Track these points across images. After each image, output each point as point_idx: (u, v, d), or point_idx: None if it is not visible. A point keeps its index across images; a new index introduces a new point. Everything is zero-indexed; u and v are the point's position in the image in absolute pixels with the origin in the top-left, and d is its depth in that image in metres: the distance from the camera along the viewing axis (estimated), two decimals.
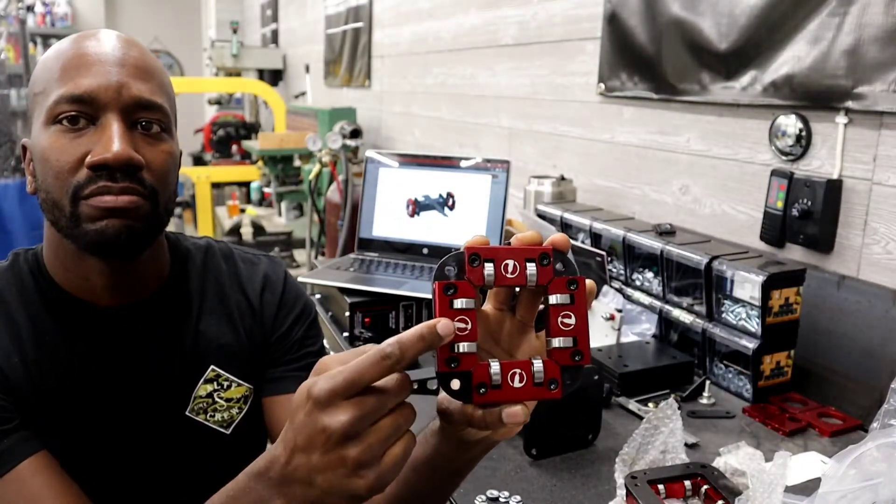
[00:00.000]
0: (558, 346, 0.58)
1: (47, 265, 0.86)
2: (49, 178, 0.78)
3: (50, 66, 0.80)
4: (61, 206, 0.78)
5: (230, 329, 0.94)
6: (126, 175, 0.77)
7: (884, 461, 0.76)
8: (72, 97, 0.76)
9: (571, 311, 0.58)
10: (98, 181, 0.76)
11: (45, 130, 0.78)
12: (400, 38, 3.41)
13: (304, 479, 0.56)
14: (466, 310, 0.56)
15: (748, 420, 1.25)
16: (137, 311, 0.88)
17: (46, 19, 7.17)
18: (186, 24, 7.84)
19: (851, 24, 1.28)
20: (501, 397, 0.57)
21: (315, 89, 4.73)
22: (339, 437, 0.53)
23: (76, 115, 0.77)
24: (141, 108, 0.79)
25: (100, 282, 0.84)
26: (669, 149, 1.77)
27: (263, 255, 1.03)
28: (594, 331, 1.50)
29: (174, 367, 0.90)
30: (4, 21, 3.85)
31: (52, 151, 0.77)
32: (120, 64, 0.79)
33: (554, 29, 2.19)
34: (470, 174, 1.67)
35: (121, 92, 0.78)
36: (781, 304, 1.29)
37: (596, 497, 1.00)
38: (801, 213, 1.38)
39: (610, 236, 1.63)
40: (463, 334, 0.56)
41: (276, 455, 0.58)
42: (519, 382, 0.57)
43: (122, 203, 0.77)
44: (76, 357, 0.84)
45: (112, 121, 0.77)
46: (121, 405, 0.87)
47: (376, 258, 1.70)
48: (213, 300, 0.94)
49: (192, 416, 0.91)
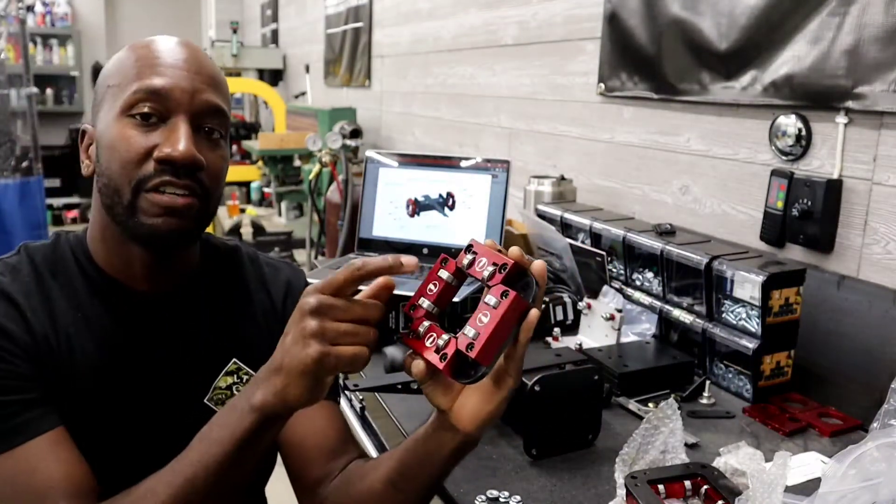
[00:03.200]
0: (464, 332, 0.68)
1: (90, 247, 0.91)
2: (114, 165, 0.83)
3: (127, 62, 0.86)
4: (121, 194, 0.83)
5: (253, 326, 0.99)
6: (187, 173, 0.83)
7: (884, 461, 0.76)
8: (149, 89, 0.83)
9: (490, 313, 0.68)
10: (163, 175, 0.82)
11: (118, 121, 0.84)
12: (400, 38, 3.41)
13: (277, 366, 0.69)
14: (441, 280, 0.73)
15: (748, 420, 1.24)
16: (171, 299, 0.93)
17: (46, 19, 7.16)
18: (186, 24, 7.83)
19: (851, 24, 1.28)
20: (415, 346, 0.72)
21: (315, 89, 4.73)
22: (307, 311, 0.67)
23: (149, 112, 0.83)
24: (208, 114, 0.86)
25: (140, 268, 0.90)
26: (669, 149, 1.77)
27: (285, 263, 1.09)
28: (595, 331, 1.50)
29: (198, 356, 0.94)
30: (4, 21, 3.84)
31: (121, 142, 0.83)
32: (196, 71, 0.86)
33: (554, 29, 2.19)
34: (470, 174, 1.66)
35: (194, 96, 0.84)
36: (781, 304, 1.28)
37: (596, 497, 1.00)
38: (801, 213, 1.38)
39: (610, 236, 1.63)
40: (428, 294, 0.73)
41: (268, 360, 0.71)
42: (429, 343, 0.71)
43: (180, 204, 0.83)
44: (108, 335, 0.88)
45: (181, 121, 0.83)
46: (144, 385, 0.90)
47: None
48: (240, 297, 1.00)
49: (210, 404, 0.95)
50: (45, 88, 6.85)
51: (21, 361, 0.81)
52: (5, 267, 0.88)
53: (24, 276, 0.87)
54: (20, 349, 0.82)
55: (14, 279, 0.86)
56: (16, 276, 0.87)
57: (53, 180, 6.36)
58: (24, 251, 0.90)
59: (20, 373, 0.81)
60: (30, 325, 0.84)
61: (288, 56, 5.70)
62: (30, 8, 6.73)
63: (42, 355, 0.84)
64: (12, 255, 0.90)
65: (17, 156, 3.83)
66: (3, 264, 0.88)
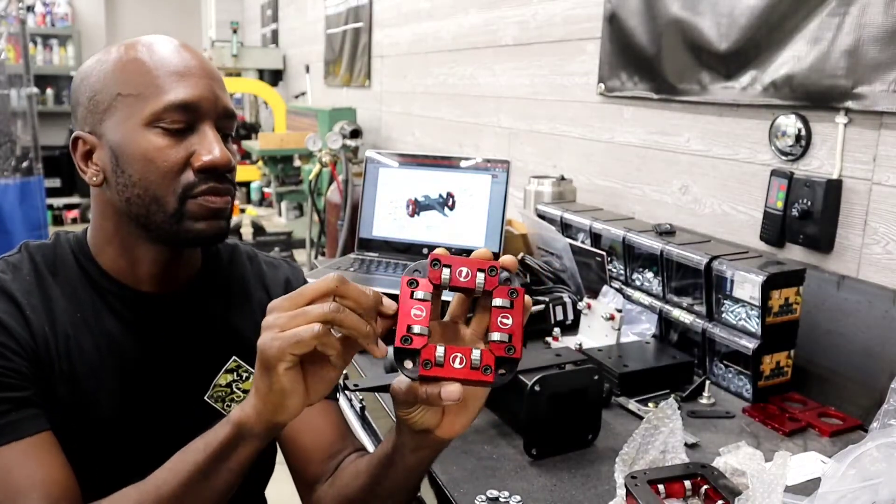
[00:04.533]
0: (496, 339, 0.68)
1: (92, 249, 0.92)
2: (152, 176, 0.85)
3: (136, 69, 0.86)
4: (164, 203, 0.85)
5: (252, 324, 0.98)
6: (224, 176, 0.88)
7: (884, 461, 0.76)
8: (181, 103, 0.85)
9: (510, 314, 0.69)
10: (207, 182, 0.86)
11: (144, 131, 0.85)
12: (400, 38, 3.41)
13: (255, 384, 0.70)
14: (423, 300, 0.69)
15: (748, 420, 1.25)
16: (173, 299, 0.94)
17: (46, 19, 7.16)
18: (186, 24, 7.83)
19: (851, 25, 1.28)
20: (443, 373, 0.68)
21: (315, 89, 4.73)
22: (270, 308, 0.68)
23: (182, 126, 0.85)
24: (226, 118, 0.90)
25: (148, 270, 0.91)
26: (669, 149, 1.77)
27: (284, 261, 1.09)
28: (595, 331, 1.50)
29: (199, 353, 0.95)
30: (4, 21, 3.84)
31: (157, 153, 0.85)
32: (211, 77, 0.89)
33: (554, 29, 2.19)
34: (470, 174, 1.67)
35: (216, 103, 0.88)
36: (781, 304, 1.29)
37: (596, 497, 1.00)
38: (801, 213, 1.38)
39: (610, 236, 1.63)
40: (417, 319, 0.68)
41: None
42: (459, 364, 0.68)
43: (223, 204, 0.88)
44: (108, 334, 0.89)
45: (209, 128, 0.87)
46: (144, 383, 0.91)
47: (376, 258, 1.70)
48: (239, 295, 1.01)
49: (210, 402, 0.96)
50: (46, 88, 6.86)
51: (19, 358, 0.82)
52: (6, 265, 0.88)
53: (24, 275, 0.88)
54: (19, 346, 0.82)
55: (15, 277, 0.87)
56: (17, 275, 0.87)
57: (53, 180, 6.36)
58: (25, 250, 0.91)
59: (17, 370, 0.81)
60: (29, 323, 0.84)
61: (288, 56, 5.70)
62: (30, 8, 6.73)
63: (40, 354, 0.84)
64: (13, 253, 0.91)
65: (18, 156, 3.83)
66: (5, 262, 0.89)
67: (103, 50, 0.90)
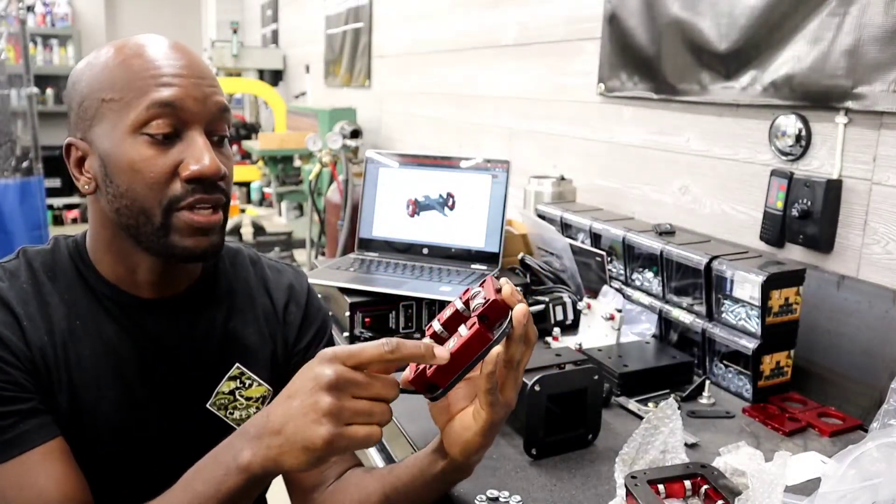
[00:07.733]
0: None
1: (91, 256, 0.90)
2: (138, 187, 0.81)
3: (122, 73, 0.81)
4: (150, 215, 0.82)
5: (255, 331, 0.98)
6: (214, 186, 0.83)
7: (884, 461, 0.76)
8: (161, 102, 0.79)
9: (456, 339, 0.72)
10: (194, 193, 0.81)
11: (130, 139, 0.81)
12: (400, 38, 3.41)
13: (276, 429, 0.66)
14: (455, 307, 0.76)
15: (748, 420, 1.25)
16: (173, 305, 0.92)
17: (46, 19, 7.16)
18: (186, 24, 7.83)
19: (851, 24, 1.28)
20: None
21: (315, 89, 4.73)
22: (323, 384, 0.64)
23: (168, 131, 0.80)
24: (218, 117, 0.84)
25: (147, 277, 0.89)
26: (669, 149, 1.77)
27: (288, 265, 1.07)
28: (595, 331, 1.50)
29: (201, 360, 0.93)
30: (4, 21, 3.84)
31: (143, 163, 0.80)
32: (199, 75, 0.83)
33: (554, 29, 2.19)
34: (470, 174, 1.67)
35: (205, 103, 0.82)
36: (781, 304, 1.29)
37: (596, 497, 1.00)
38: (800, 213, 1.38)
39: (610, 236, 1.63)
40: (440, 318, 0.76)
41: (260, 413, 0.70)
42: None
43: (213, 221, 0.83)
44: (109, 341, 0.87)
45: (197, 134, 0.82)
46: (146, 391, 0.89)
47: (376, 258, 1.70)
48: (242, 301, 0.99)
49: (213, 409, 0.94)
50: (46, 88, 6.85)
51: (17, 371, 0.80)
52: (3, 272, 0.86)
53: (22, 282, 0.85)
54: (16, 358, 0.80)
55: (12, 285, 0.85)
56: (14, 282, 0.85)
57: (53, 180, 6.35)
58: (23, 256, 0.89)
59: (17, 382, 0.79)
60: (26, 334, 0.82)
61: (288, 56, 5.70)
62: (30, 8, 6.73)
63: (38, 364, 0.82)
64: (11, 259, 0.89)
65: (18, 156, 3.83)
66: (2, 269, 0.86)
67: (94, 51, 0.87)
